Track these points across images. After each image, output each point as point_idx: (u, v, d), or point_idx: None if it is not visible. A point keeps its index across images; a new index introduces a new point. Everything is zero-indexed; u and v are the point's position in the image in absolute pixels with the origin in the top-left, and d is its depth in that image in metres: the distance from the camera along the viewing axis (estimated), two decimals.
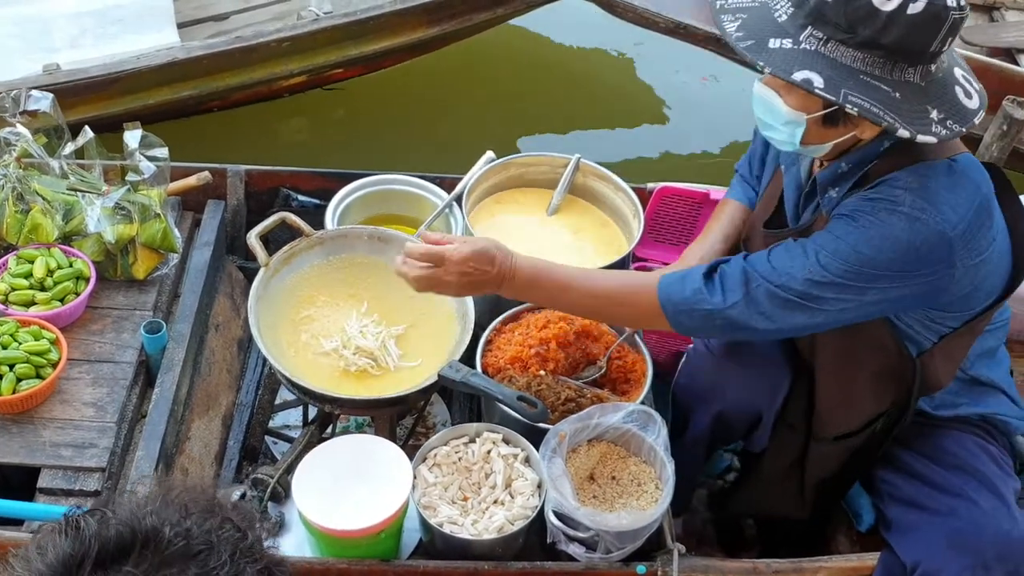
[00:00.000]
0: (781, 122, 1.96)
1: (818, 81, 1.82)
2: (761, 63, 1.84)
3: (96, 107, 3.48)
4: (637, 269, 3.12)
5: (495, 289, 2.11)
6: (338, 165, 3.19)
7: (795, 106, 1.93)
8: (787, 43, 1.85)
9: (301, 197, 3.09)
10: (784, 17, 1.88)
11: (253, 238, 2.51)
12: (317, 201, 3.06)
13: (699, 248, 2.44)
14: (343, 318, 2.54)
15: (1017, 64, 4.05)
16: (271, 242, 2.66)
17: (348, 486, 2.18)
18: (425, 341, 2.52)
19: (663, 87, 4.74)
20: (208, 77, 3.68)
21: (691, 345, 2.55)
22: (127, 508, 1.15)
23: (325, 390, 2.34)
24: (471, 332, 2.45)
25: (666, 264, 3.27)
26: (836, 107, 1.86)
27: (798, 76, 1.82)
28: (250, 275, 3.04)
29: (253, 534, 1.21)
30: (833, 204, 2.03)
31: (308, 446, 2.43)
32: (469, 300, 2.52)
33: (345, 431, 2.71)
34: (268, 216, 2.64)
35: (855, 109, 1.81)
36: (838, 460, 2.34)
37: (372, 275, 2.63)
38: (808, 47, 1.85)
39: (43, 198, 2.62)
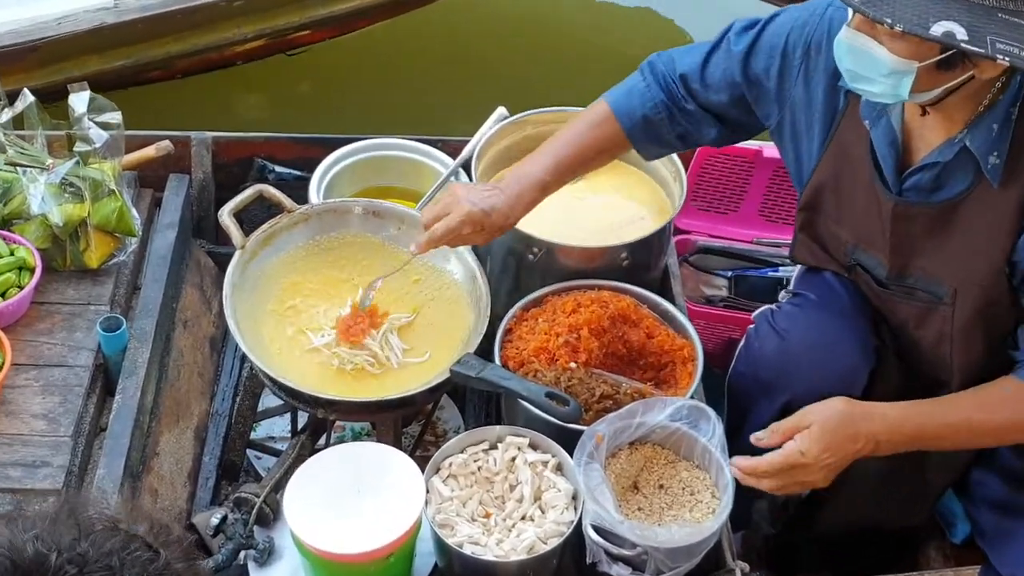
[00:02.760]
0: (882, 73, 1.93)
1: (960, 32, 1.78)
2: (889, 20, 1.79)
3: (11, 81, 3.32)
4: (680, 243, 3.14)
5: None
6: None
7: (903, 53, 1.88)
8: None
9: (279, 168, 3.10)
10: None
11: (226, 216, 2.51)
12: (298, 172, 3.08)
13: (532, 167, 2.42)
14: (336, 308, 2.54)
15: None
16: (245, 221, 2.66)
17: (349, 503, 2.18)
18: (433, 331, 2.53)
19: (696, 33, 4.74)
20: (145, 43, 3.63)
21: (752, 326, 2.55)
22: (6, 534, 1.11)
23: (318, 392, 2.34)
24: (487, 320, 2.45)
25: (712, 237, 3.30)
26: (956, 50, 1.82)
27: (937, 30, 1.78)
28: (221, 261, 3.06)
29: (169, 552, 1.18)
30: (999, 171, 2.02)
31: (299, 459, 2.43)
32: (483, 282, 2.52)
33: (341, 441, 2.71)
34: (242, 190, 2.65)
35: (1007, 59, 1.78)
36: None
37: (368, 256, 2.63)
38: None
39: None
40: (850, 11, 1.93)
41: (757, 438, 2.19)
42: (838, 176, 2.29)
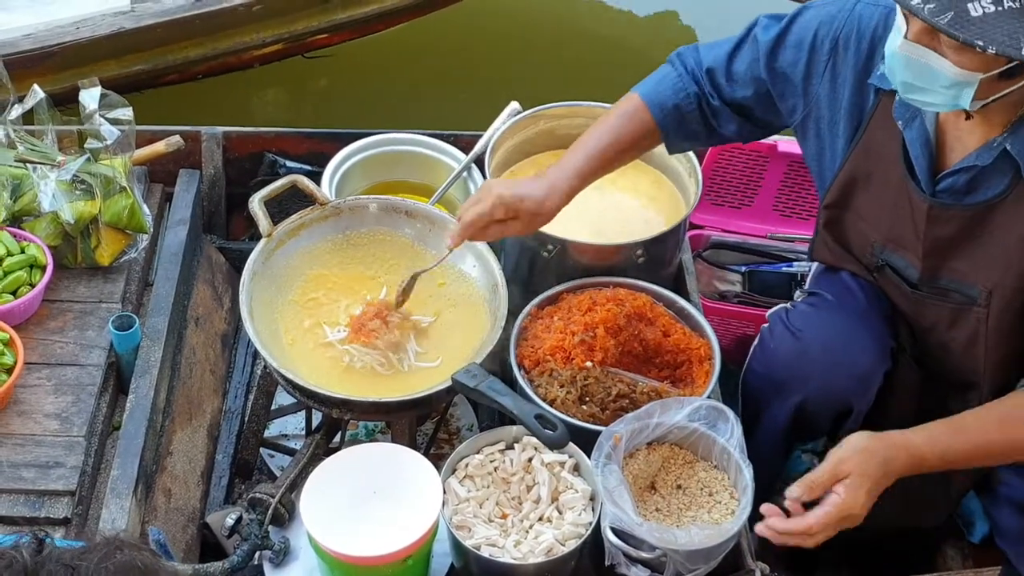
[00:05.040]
0: (943, 85, 1.90)
1: None
2: (980, 43, 1.77)
3: (28, 86, 3.35)
4: (693, 238, 3.12)
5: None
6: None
7: (969, 66, 1.86)
8: (988, 6, 1.78)
9: (290, 163, 3.09)
10: None
11: (256, 204, 2.51)
12: (309, 167, 3.06)
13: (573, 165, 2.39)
14: (357, 304, 2.54)
15: None
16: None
17: (366, 505, 2.18)
18: (451, 338, 2.52)
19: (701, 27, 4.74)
20: (163, 48, 3.62)
21: (766, 325, 2.54)
22: None
23: (334, 392, 2.33)
24: (500, 331, 2.44)
25: (725, 232, 3.28)
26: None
27: None
28: (232, 257, 3.06)
29: None
30: None
31: (314, 458, 2.43)
32: (503, 294, 2.49)
33: (354, 439, 2.70)
34: (253, 186, 2.62)
35: None
36: None
37: (396, 255, 2.63)
38: (1013, 4, 1.78)
39: None
40: (902, 20, 1.89)
41: (792, 496, 2.09)
42: (868, 174, 2.26)
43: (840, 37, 2.20)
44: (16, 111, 2.68)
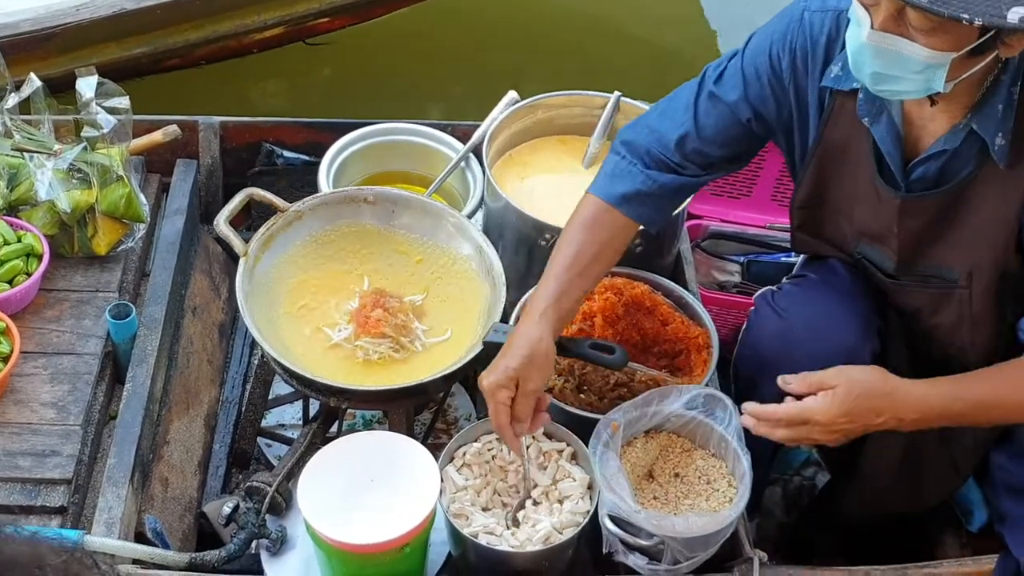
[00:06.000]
0: (914, 70, 1.88)
1: None
2: (966, 16, 1.74)
3: (28, 69, 3.32)
4: (691, 228, 3.12)
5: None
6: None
7: (941, 46, 1.84)
8: None
9: (287, 153, 3.08)
10: None
11: (223, 225, 2.49)
12: (307, 157, 3.06)
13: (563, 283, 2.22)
14: (346, 300, 2.53)
15: None
16: (258, 217, 2.62)
17: (364, 493, 2.17)
18: (448, 308, 2.53)
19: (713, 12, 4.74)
20: (164, 31, 3.61)
21: (753, 308, 2.54)
22: None
23: (330, 380, 2.33)
24: (505, 287, 2.45)
25: (724, 222, 3.28)
26: (992, 31, 1.80)
27: (1013, 16, 1.75)
28: (229, 247, 3.04)
29: None
30: (1006, 152, 1.99)
31: (311, 447, 2.43)
32: (490, 252, 2.51)
33: (352, 429, 2.70)
34: (251, 173, 2.62)
35: None
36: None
37: (367, 244, 2.62)
38: None
39: None
40: (863, 13, 1.87)
41: (784, 380, 2.15)
42: (834, 175, 2.26)
43: (797, 49, 2.18)
44: (13, 100, 2.67)
